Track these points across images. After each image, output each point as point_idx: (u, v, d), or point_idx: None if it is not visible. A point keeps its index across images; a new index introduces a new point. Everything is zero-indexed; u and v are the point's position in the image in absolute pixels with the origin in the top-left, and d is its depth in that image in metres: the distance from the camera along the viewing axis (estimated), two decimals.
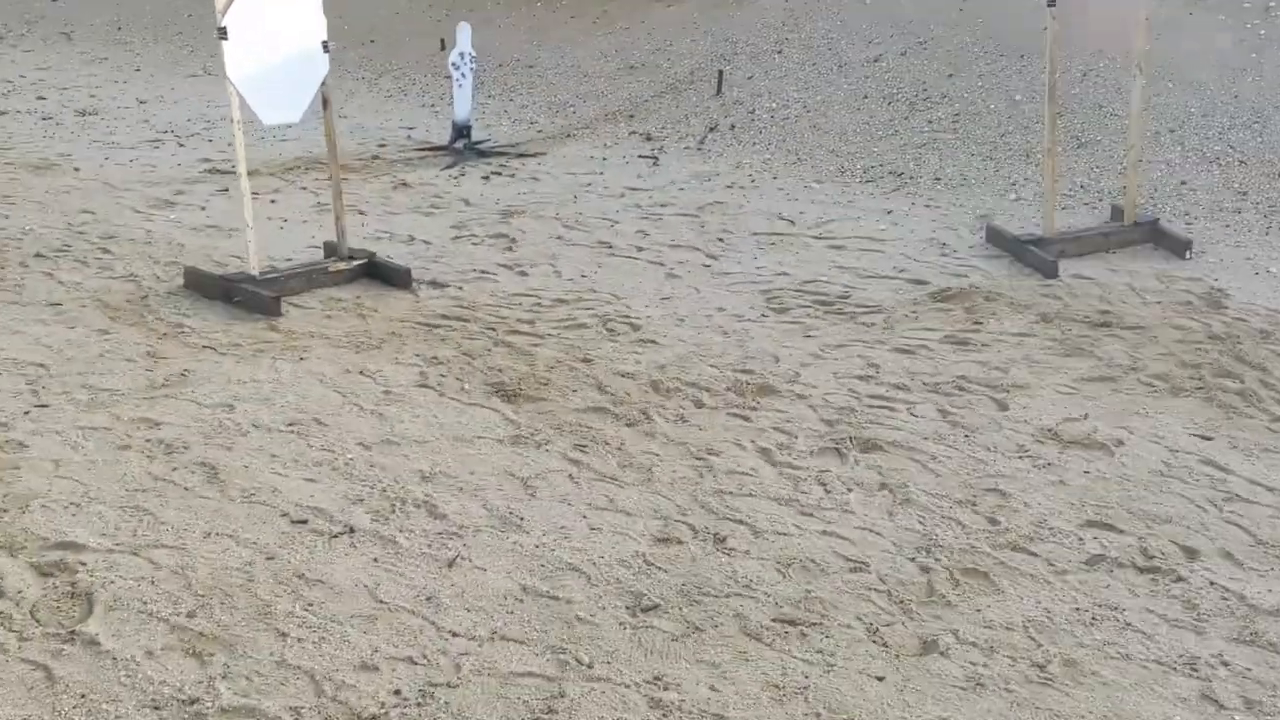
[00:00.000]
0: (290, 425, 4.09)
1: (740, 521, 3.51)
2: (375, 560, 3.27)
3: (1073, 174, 6.86)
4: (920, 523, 3.53)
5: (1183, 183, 6.64)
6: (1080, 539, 3.45)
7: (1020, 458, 3.94)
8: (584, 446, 3.96)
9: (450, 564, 3.25)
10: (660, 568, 3.27)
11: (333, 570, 3.21)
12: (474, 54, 8.18)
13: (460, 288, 5.59)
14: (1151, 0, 5.90)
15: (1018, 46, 8.13)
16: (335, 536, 3.38)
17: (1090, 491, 3.72)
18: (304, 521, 3.46)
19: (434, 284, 5.65)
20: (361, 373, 4.57)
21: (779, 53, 9.09)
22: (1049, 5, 5.63)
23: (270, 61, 5.19)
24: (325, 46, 5.43)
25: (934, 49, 8.52)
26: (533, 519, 3.52)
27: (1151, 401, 4.36)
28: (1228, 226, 6.18)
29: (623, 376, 4.57)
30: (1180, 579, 3.25)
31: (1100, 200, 6.57)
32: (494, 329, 5.06)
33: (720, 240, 6.34)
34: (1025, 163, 7.07)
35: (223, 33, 5.06)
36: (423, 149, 8.33)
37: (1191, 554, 3.37)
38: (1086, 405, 4.33)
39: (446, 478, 3.74)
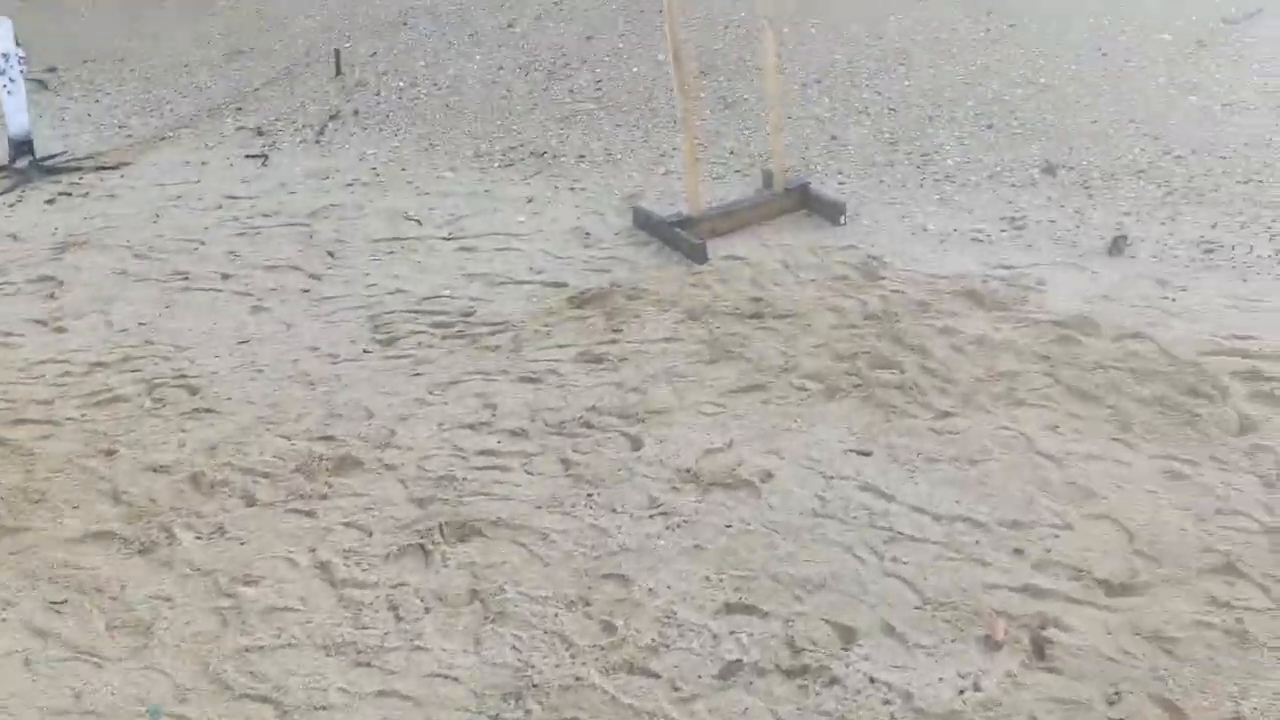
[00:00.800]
0: None
1: (264, 698, 2.53)
2: None
3: (721, 139, 6.21)
4: (515, 649, 2.67)
5: (833, 138, 6.12)
6: (715, 636, 2.69)
7: (651, 516, 3.17)
8: (61, 604, 2.85)
9: None
10: None
11: None
12: (22, 53, 6.65)
13: None
14: None
15: (659, 1, 7.44)
16: None
17: (731, 555, 2.98)
18: None
19: None
20: None
21: (404, 24, 8.02)
22: None
23: None
24: None
25: (570, 10, 7.71)
26: None
27: (804, 410, 3.71)
28: (882, 182, 5.70)
29: (154, 472, 3.47)
30: (834, 680, 2.54)
31: (752, 166, 5.95)
32: None
33: (329, 254, 5.28)
34: (675, 130, 6.35)
35: None
36: None
37: (848, 636, 2.67)
38: (732, 428, 3.61)
39: None
